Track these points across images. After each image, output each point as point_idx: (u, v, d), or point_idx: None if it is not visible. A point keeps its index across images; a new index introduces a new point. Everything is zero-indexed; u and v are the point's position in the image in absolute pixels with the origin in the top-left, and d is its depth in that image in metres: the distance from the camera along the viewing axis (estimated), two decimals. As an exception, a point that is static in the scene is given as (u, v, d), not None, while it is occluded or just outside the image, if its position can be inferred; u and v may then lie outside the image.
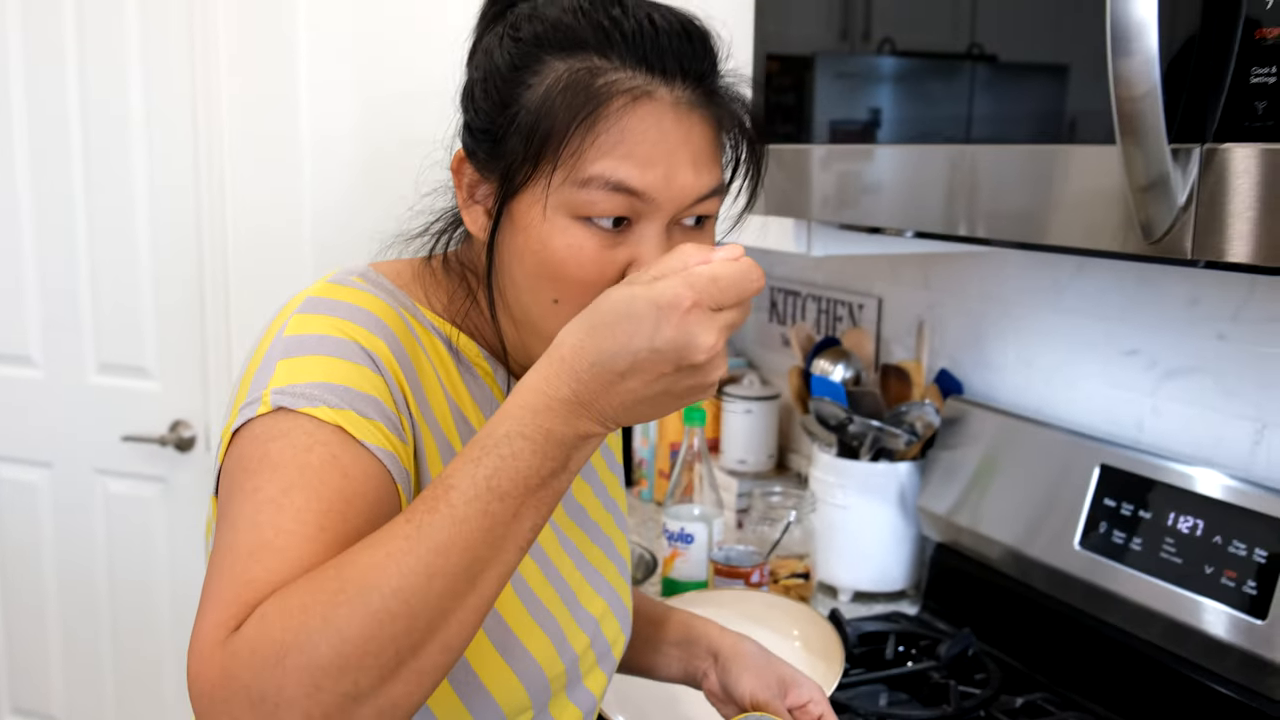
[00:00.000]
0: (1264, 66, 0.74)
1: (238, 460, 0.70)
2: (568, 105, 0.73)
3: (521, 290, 0.77)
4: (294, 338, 0.74)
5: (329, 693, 0.59)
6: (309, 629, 0.59)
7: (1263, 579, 1.07)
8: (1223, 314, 1.22)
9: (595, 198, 0.72)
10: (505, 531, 0.63)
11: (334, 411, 0.70)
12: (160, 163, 2.23)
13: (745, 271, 0.65)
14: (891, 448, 1.52)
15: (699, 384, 0.65)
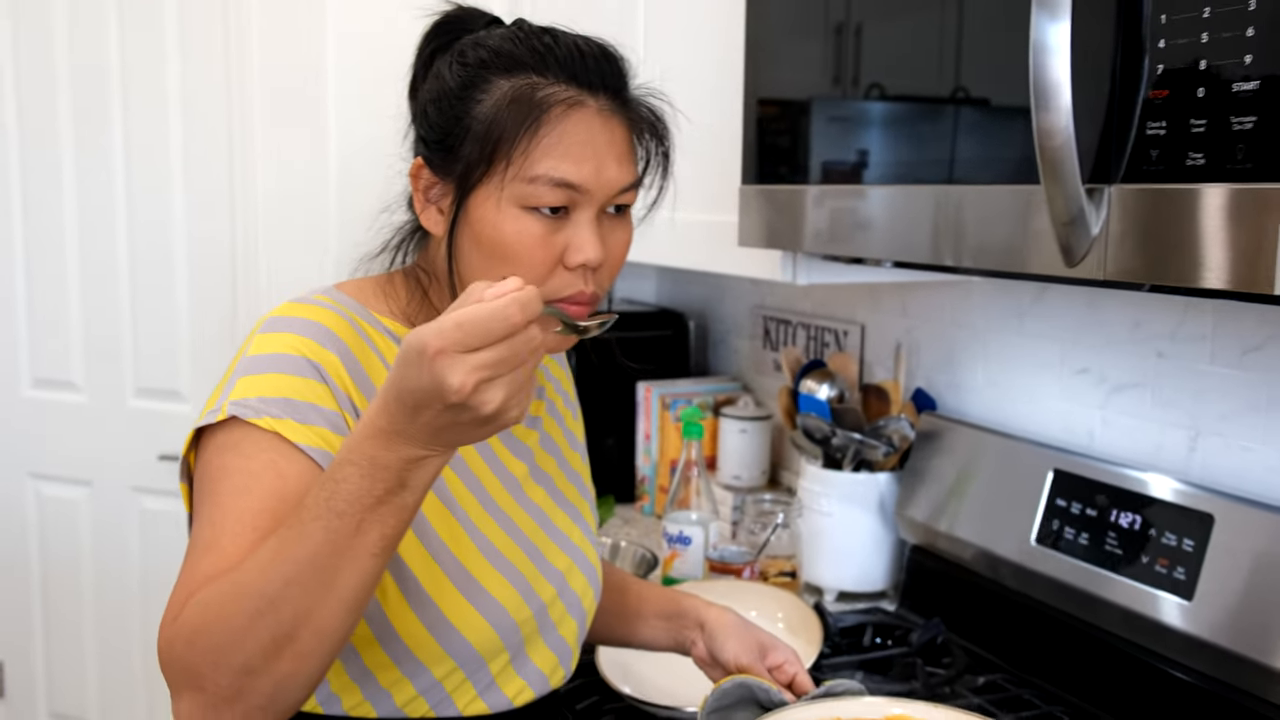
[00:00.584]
0: (1156, 121, 0.89)
1: (205, 468, 0.87)
2: (514, 114, 0.90)
3: (478, 271, 0.92)
4: (255, 357, 0.90)
5: (226, 667, 0.76)
6: (209, 619, 0.77)
7: (1191, 566, 1.21)
8: (1161, 334, 1.38)
9: (541, 191, 0.90)
10: (349, 543, 0.75)
11: (275, 421, 0.86)
12: (198, 203, 2.40)
13: (494, 312, 0.69)
14: (871, 459, 1.67)
15: (478, 418, 0.71)
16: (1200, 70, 0.85)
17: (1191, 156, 0.85)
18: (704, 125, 1.64)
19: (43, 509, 2.60)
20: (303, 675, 0.77)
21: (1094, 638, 1.33)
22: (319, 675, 0.78)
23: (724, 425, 2.06)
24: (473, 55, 0.94)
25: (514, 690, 1.00)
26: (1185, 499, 1.25)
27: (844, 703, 1.06)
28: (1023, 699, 1.35)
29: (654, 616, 1.17)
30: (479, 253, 0.92)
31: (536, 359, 0.73)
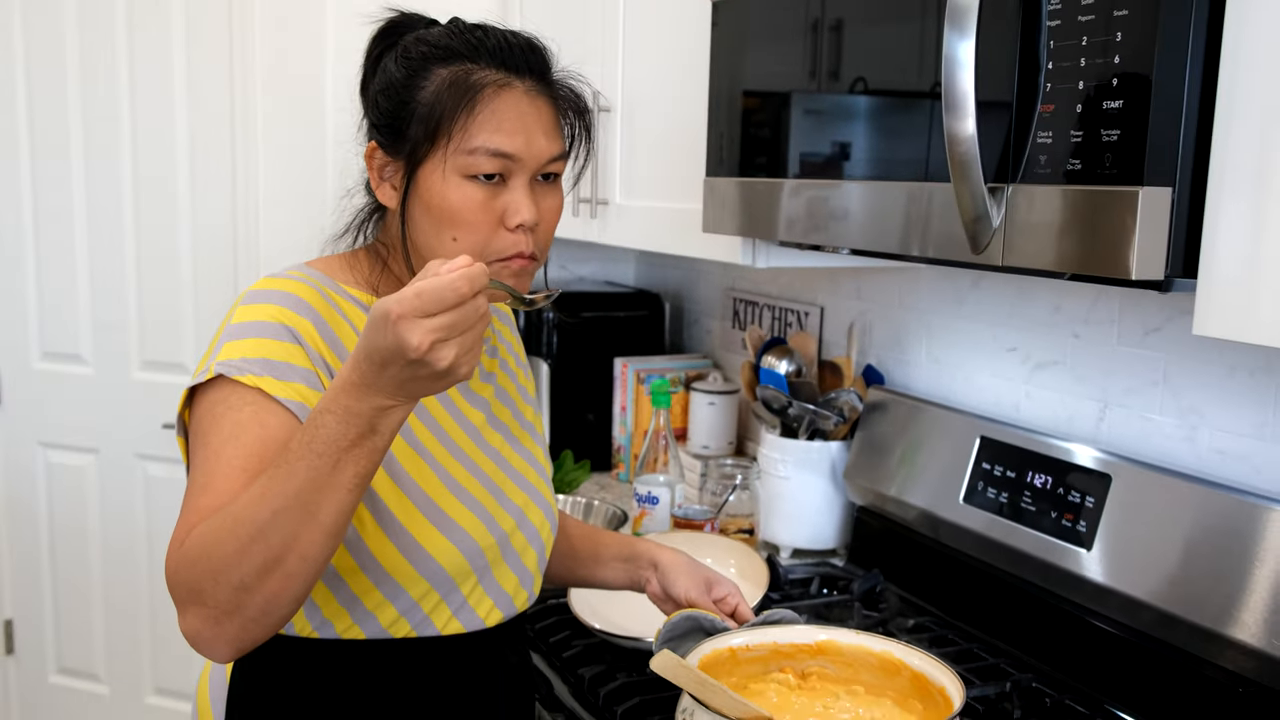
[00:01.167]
0: (1044, 131, 1.05)
1: (198, 421, 1.00)
2: (453, 96, 1.05)
3: (428, 236, 1.07)
4: (238, 325, 1.03)
5: (225, 585, 0.89)
6: (210, 544, 0.90)
7: (1090, 519, 1.38)
8: (1077, 318, 1.54)
9: (479, 160, 1.05)
10: (328, 479, 0.87)
11: (256, 378, 0.99)
12: (201, 184, 2.54)
13: (446, 284, 0.83)
14: (824, 429, 1.83)
15: (434, 372, 0.84)
16: (1078, 89, 1.00)
17: (1071, 162, 1.01)
18: (675, 122, 1.80)
19: (51, 476, 2.75)
20: (289, 593, 0.91)
21: (1013, 585, 1.50)
22: (303, 594, 0.93)
23: (694, 399, 2.22)
24: (415, 50, 1.09)
25: (484, 610, 1.14)
26: (1088, 461, 1.41)
27: (779, 630, 1.23)
28: (947, 638, 1.51)
29: (612, 559, 1.33)
30: (429, 219, 1.07)
31: (483, 325, 0.86)
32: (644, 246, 1.95)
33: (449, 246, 1.06)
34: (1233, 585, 1.21)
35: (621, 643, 1.39)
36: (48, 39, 2.56)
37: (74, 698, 2.82)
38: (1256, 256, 0.91)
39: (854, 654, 1.21)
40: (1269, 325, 0.91)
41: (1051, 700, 1.35)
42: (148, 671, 2.76)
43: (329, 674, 1.11)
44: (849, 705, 1.18)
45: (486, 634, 1.16)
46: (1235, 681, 1.22)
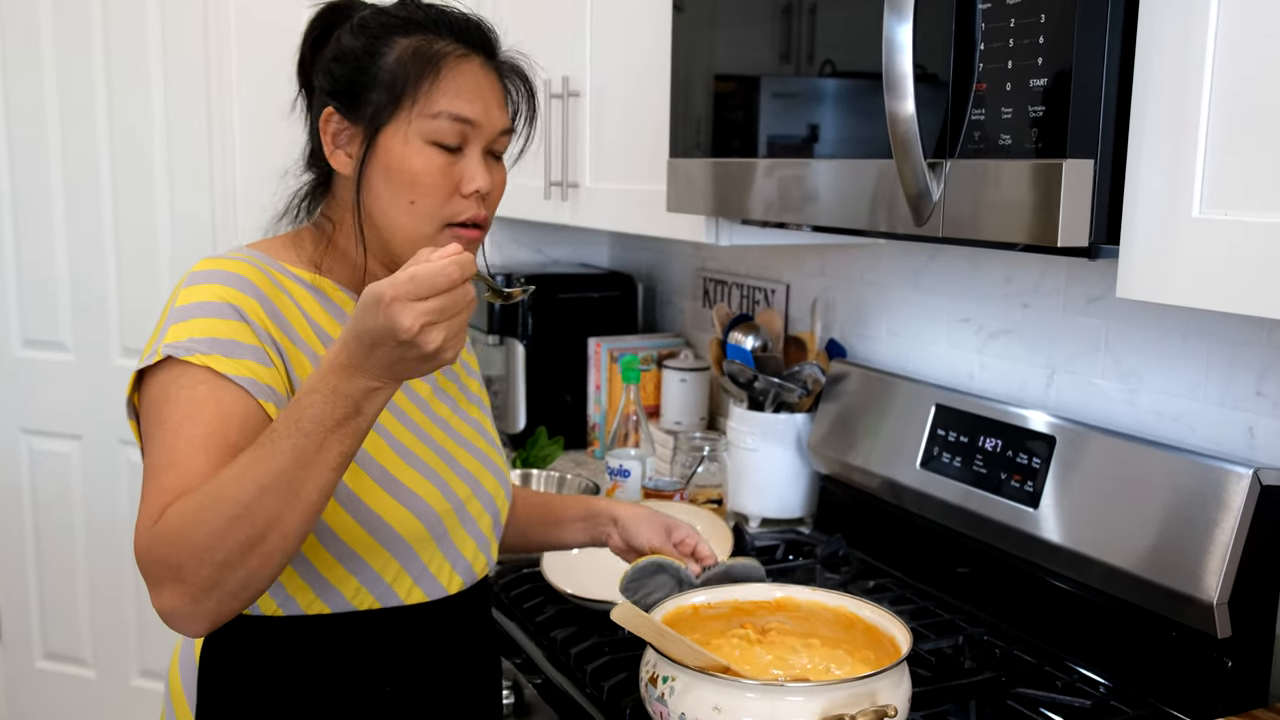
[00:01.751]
0: (978, 108, 1.11)
1: (151, 401, 1.01)
2: (416, 64, 1.10)
3: (386, 200, 1.10)
4: (183, 307, 1.04)
5: (206, 563, 0.91)
6: (190, 522, 0.92)
7: (1037, 479, 1.45)
8: (1026, 289, 1.60)
9: (442, 125, 1.09)
10: (314, 458, 0.91)
11: (205, 357, 1.01)
12: (179, 171, 2.58)
13: (438, 270, 0.87)
14: (789, 401, 1.89)
15: (422, 354, 0.89)
16: (1008, 69, 1.06)
17: (1002, 137, 1.07)
18: (642, 106, 1.86)
19: (34, 462, 2.79)
20: (268, 569, 0.94)
21: (969, 545, 1.56)
22: (280, 570, 0.96)
23: (666, 376, 2.28)
24: (373, 21, 1.13)
25: (446, 577, 1.18)
26: (1033, 425, 1.47)
27: (739, 588, 1.29)
28: (905, 597, 1.58)
29: (571, 520, 1.38)
30: (387, 183, 1.10)
31: (469, 310, 0.90)
32: (614, 227, 2.01)
33: (405, 210, 1.10)
34: (1171, 538, 1.27)
35: (592, 606, 1.45)
36: (23, 27, 2.59)
37: (61, 682, 2.86)
38: (1172, 223, 0.98)
39: (810, 609, 1.28)
40: (1184, 287, 0.98)
41: (1001, 651, 1.42)
42: (133, 654, 2.81)
43: (297, 650, 1.13)
44: (806, 656, 1.25)
45: (450, 601, 1.19)
46: (1169, 626, 1.29)
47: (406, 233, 1.12)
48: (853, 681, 1.06)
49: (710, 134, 1.55)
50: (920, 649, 1.40)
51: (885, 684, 1.08)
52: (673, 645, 1.09)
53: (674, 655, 1.08)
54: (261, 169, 2.48)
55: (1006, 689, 1.32)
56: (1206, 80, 0.94)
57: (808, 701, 1.04)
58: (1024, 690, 1.31)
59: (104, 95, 2.58)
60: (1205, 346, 1.36)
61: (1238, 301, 0.94)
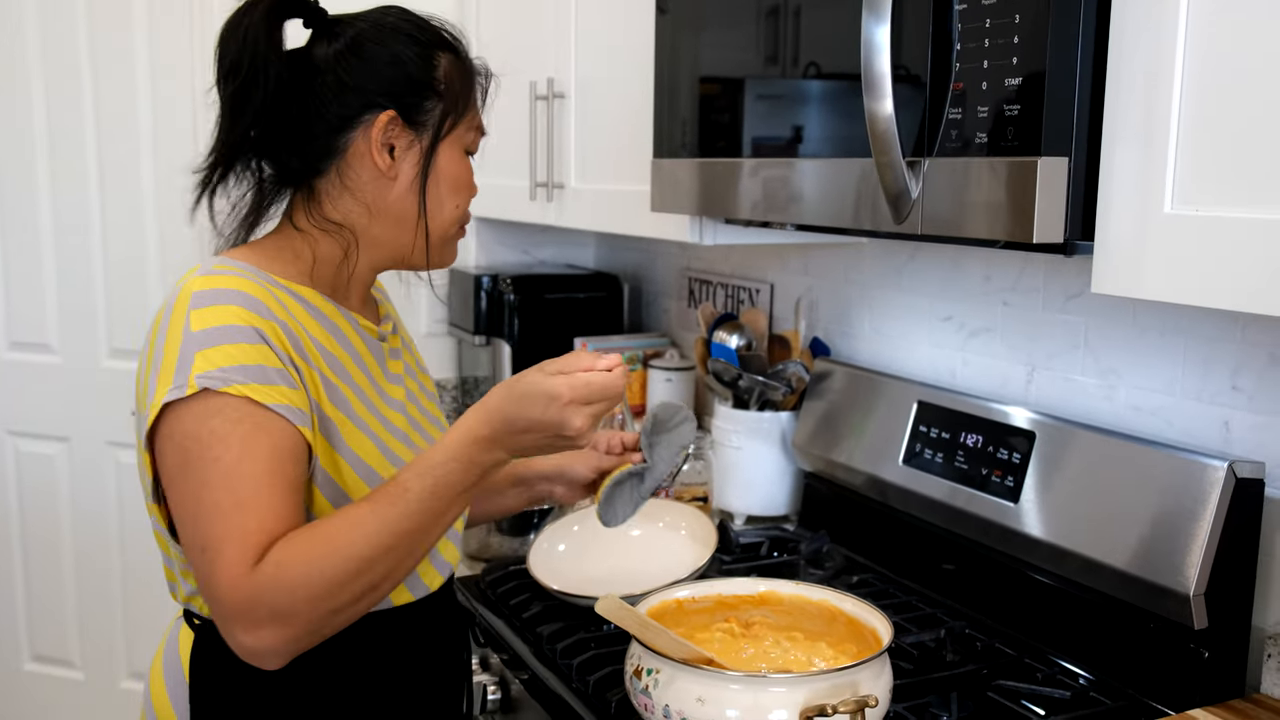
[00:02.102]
0: (955, 108, 1.12)
1: (189, 434, 0.99)
2: (463, 80, 1.19)
3: (437, 204, 1.18)
4: (203, 331, 1.01)
5: (319, 609, 0.98)
6: (311, 572, 0.97)
7: (1017, 475, 1.46)
8: (1005, 286, 1.62)
9: (475, 136, 1.22)
10: (438, 520, 1.03)
11: (243, 386, 1.00)
12: (165, 172, 2.58)
13: (612, 380, 1.05)
14: (774, 399, 1.91)
15: (570, 444, 1.06)
16: (984, 68, 1.08)
17: (979, 136, 1.09)
18: (626, 107, 1.87)
19: (21, 465, 2.79)
20: (364, 611, 1.03)
21: (951, 540, 1.58)
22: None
23: (652, 375, 2.30)
24: (421, 36, 1.16)
25: (429, 577, 1.21)
26: (1014, 420, 1.49)
27: (723, 582, 1.30)
28: (888, 592, 1.60)
29: (507, 489, 1.42)
30: (445, 188, 1.18)
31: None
32: (599, 228, 2.02)
33: (451, 211, 1.20)
34: (1149, 531, 1.29)
35: (577, 601, 1.46)
36: (9, 32, 2.59)
37: (49, 684, 2.86)
38: (1145, 220, 1.00)
39: (793, 603, 1.30)
40: (1157, 282, 0.99)
41: (982, 644, 1.43)
42: (121, 656, 2.81)
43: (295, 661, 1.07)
44: (789, 649, 1.26)
45: (431, 598, 1.22)
46: (1148, 618, 1.30)
47: (442, 231, 1.21)
48: (834, 672, 1.08)
49: (693, 134, 1.57)
50: (902, 642, 1.41)
51: (867, 675, 1.10)
52: (657, 637, 1.10)
53: (658, 647, 1.10)
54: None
55: (987, 681, 1.34)
56: (1177, 79, 0.96)
57: (790, 692, 1.06)
58: (1005, 682, 1.33)
59: (90, 97, 2.59)
60: (1181, 343, 1.38)
61: (1209, 296, 0.95)
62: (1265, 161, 0.90)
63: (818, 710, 1.03)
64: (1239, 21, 0.91)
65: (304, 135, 1.14)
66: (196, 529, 0.99)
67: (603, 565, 1.53)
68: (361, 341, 1.19)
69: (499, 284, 2.47)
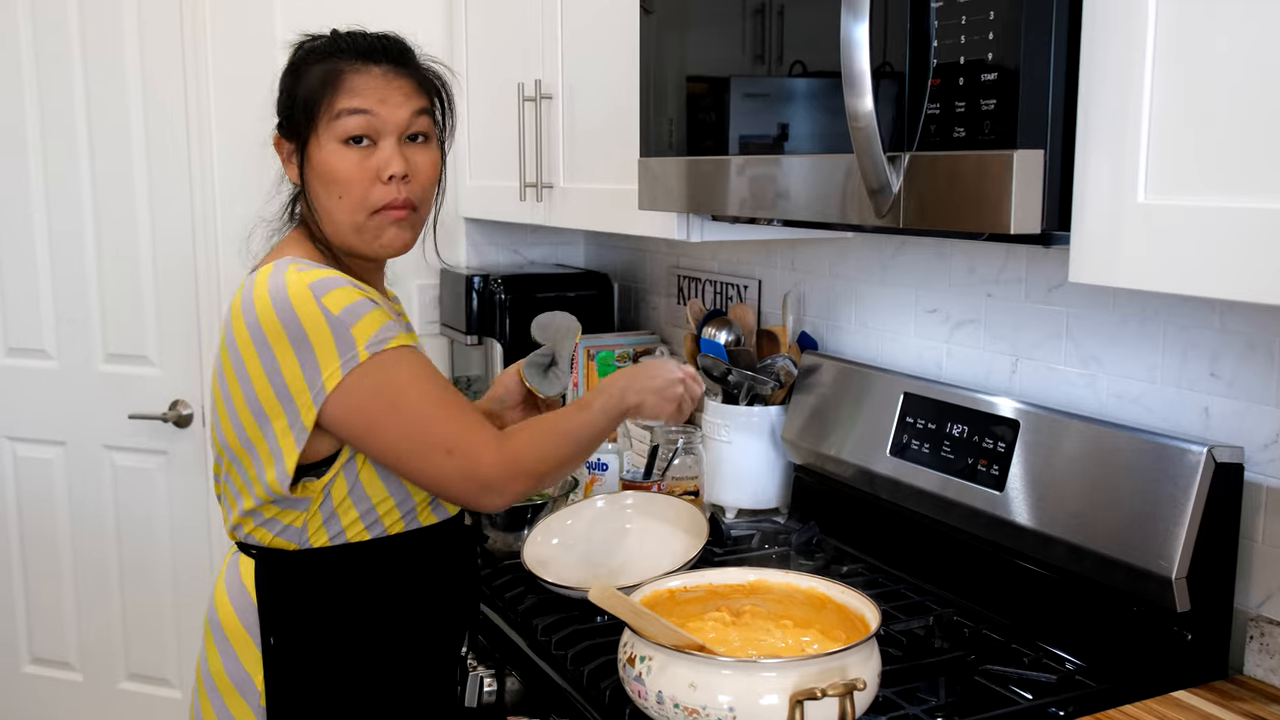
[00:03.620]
0: (933, 103, 1.15)
1: (384, 386, 1.24)
2: (322, 83, 1.31)
3: (322, 199, 1.33)
4: (343, 311, 1.23)
5: (548, 470, 1.32)
6: (545, 447, 1.32)
7: (1002, 463, 1.49)
8: (989, 278, 1.65)
9: (345, 122, 1.30)
10: (604, 429, 1.38)
11: (396, 339, 1.25)
12: (159, 178, 2.60)
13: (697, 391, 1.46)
14: (762, 393, 1.93)
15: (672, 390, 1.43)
16: (960, 64, 1.10)
17: (956, 130, 1.11)
18: (613, 107, 1.89)
19: (19, 469, 2.80)
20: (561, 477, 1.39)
21: (938, 530, 1.61)
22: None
23: (642, 373, 2.31)
24: (297, 56, 1.36)
25: (425, 521, 1.38)
26: (999, 410, 1.52)
27: (714, 571, 1.33)
28: (877, 581, 1.62)
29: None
30: (320, 184, 1.32)
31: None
32: (588, 226, 2.04)
33: (336, 205, 1.31)
34: (1131, 516, 1.31)
35: (571, 594, 1.48)
36: (1, 41, 2.61)
37: (48, 686, 2.87)
38: (1119, 209, 1.02)
39: (783, 591, 1.32)
40: (1132, 271, 1.02)
41: (970, 630, 1.46)
42: (120, 658, 2.82)
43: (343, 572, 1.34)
44: (779, 636, 1.29)
45: (422, 532, 1.39)
46: (1131, 602, 1.33)
47: (343, 224, 1.32)
48: (824, 657, 1.10)
49: (680, 133, 1.59)
50: (891, 629, 1.44)
51: (855, 659, 1.12)
52: (649, 625, 1.12)
53: (650, 635, 1.12)
54: (240, 178, 2.51)
55: (975, 666, 1.36)
56: (1148, 71, 0.98)
57: (780, 677, 1.08)
58: (992, 667, 1.35)
59: (82, 102, 2.60)
60: (1160, 331, 1.40)
61: (1184, 284, 0.98)
62: (1236, 150, 0.92)
63: (808, 694, 1.05)
64: (1209, 13, 0.94)
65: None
66: (438, 440, 1.26)
67: (596, 558, 1.55)
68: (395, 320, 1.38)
69: (490, 284, 2.49)
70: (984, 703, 1.29)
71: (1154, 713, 1.22)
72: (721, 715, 1.08)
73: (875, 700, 1.19)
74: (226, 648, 1.35)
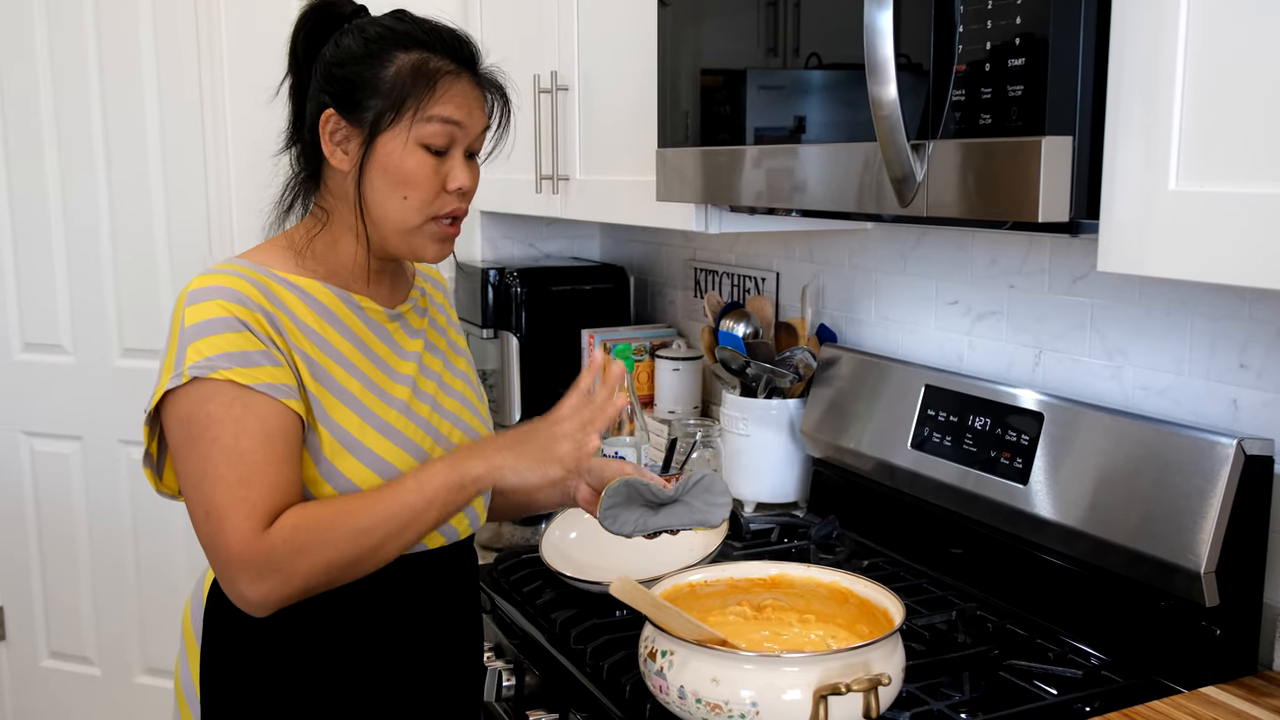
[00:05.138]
0: (958, 90, 1.13)
1: (189, 418, 1.12)
2: (417, 79, 1.21)
3: (382, 194, 1.23)
4: (193, 326, 1.14)
5: (322, 570, 1.12)
6: (320, 537, 1.12)
7: (1026, 456, 1.47)
8: (1012, 269, 1.63)
9: (435, 129, 1.22)
10: (420, 513, 1.15)
11: (227, 371, 1.12)
12: (174, 174, 2.60)
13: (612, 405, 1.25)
14: (781, 386, 1.91)
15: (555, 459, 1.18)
16: (987, 49, 1.08)
17: (982, 117, 1.09)
18: (630, 98, 1.88)
19: (36, 464, 2.81)
20: (351, 580, 1.16)
21: (960, 523, 1.59)
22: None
23: (659, 365, 2.30)
24: (372, 31, 1.23)
25: (428, 537, 1.26)
26: (1022, 402, 1.50)
27: (734, 565, 1.31)
28: (898, 575, 1.61)
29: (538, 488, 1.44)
30: (384, 181, 1.22)
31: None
32: (605, 219, 2.03)
33: (398, 205, 1.23)
34: (1159, 510, 1.30)
35: (590, 588, 1.47)
36: (17, 36, 2.61)
37: (66, 680, 2.88)
38: (1149, 197, 1.00)
39: (805, 585, 1.31)
40: (1162, 259, 1.00)
41: (993, 625, 1.44)
42: (137, 652, 2.83)
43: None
44: (801, 630, 1.27)
45: (428, 555, 1.29)
46: (1159, 596, 1.31)
47: (396, 224, 1.24)
48: (847, 652, 1.09)
49: (698, 124, 1.58)
50: (914, 624, 1.42)
51: (879, 654, 1.11)
52: (671, 619, 1.11)
53: (672, 629, 1.11)
54: (256, 171, 2.50)
55: (999, 661, 1.34)
56: (1180, 54, 0.96)
57: (804, 672, 1.07)
58: (1016, 662, 1.34)
59: (98, 99, 2.60)
60: (1188, 321, 1.38)
61: (1216, 272, 0.96)
62: (1270, 136, 0.90)
63: (831, 689, 1.04)
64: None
65: (302, 131, 1.28)
66: (202, 498, 1.13)
67: (614, 552, 1.54)
68: (361, 323, 1.28)
69: (505, 277, 2.48)
70: (1009, 698, 1.28)
71: (1183, 709, 1.20)
72: (744, 710, 1.07)
73: (899, 696, 1.18)
74: (184, 657, 1.32)
